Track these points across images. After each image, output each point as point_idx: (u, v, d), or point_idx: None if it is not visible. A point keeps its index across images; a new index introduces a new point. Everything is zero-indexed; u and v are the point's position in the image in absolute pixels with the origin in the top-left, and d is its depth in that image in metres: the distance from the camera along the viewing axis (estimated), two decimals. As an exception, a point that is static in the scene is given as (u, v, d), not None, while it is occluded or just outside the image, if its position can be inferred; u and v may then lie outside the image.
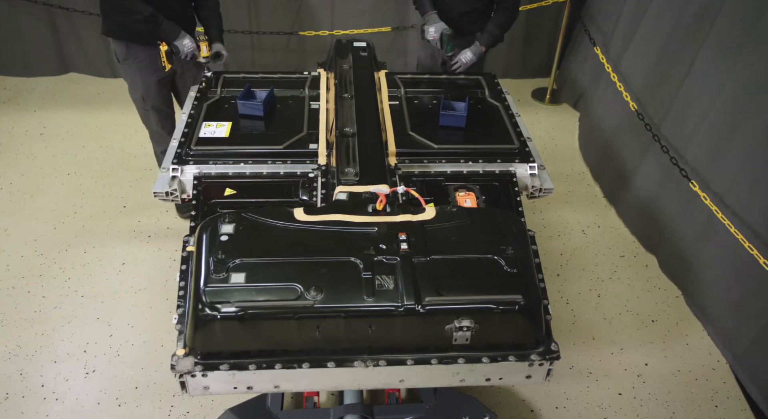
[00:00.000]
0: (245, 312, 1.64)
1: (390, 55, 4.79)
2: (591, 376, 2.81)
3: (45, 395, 2.63)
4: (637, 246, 3.53)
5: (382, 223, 1.87)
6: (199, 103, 2.70)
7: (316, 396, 2.44)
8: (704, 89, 2.99)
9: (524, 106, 4.89)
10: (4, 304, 3.01)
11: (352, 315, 1.67)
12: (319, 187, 2.29)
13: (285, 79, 2.92)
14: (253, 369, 1.72)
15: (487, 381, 1.82)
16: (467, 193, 2.28)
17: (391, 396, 2.45)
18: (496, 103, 2.80)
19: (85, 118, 4.46)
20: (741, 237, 2.62)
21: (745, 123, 2.70)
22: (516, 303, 1.70)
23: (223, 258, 1.73)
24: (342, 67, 2.82)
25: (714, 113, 2.90)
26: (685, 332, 3.03)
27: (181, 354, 1.73)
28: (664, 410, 2.67)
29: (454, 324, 1.69)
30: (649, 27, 3.54)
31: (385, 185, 2.07)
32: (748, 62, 2.66)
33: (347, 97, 2.58)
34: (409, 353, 1.76)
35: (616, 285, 3.26)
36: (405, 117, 2.64)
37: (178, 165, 2.36)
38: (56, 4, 4.53)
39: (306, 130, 2.53)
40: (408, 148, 2.45)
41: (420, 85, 2.93)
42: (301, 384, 1.82)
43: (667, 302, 3.19)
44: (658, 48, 3.42)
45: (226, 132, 2.50)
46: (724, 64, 2.84)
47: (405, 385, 1.91)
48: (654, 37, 3.48)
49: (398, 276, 1.71)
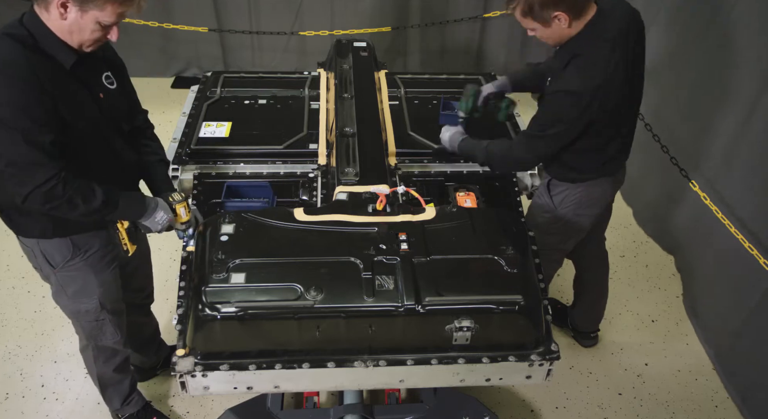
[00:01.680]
0: (245, 313, 1.64)
1: (390, 55, 4.79)
2: (591, 376, 2.81)
3: (45, 395, 2.63)
4: (637, 246, 3.53)
5: (382, 223, 1.87)
6: (199, 103, 2.70)
7: (316, 396, 2.44)
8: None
9: (524, 106, 4.86)
10: (4, 304, 3.01)
11: (352, 316, 1.67)
12: (319, 187, 2.29)
13: (285, 79, 2.92)
14: (253, 369, 1.72)
15: (487, 382, 1.82)
16: (467, 193, 2.28)
17: (391, 396, 2.45)
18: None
19: (85, 117, 4.46)
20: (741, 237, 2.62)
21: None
22: (516, 303, 1.70)
23: (223, 259, 1.73)
24: (342, 67, 2.82)
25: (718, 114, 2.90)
26: (685, 332, 3.03)
27: (181, 354, 1.73)
28: (664, 410, 2.67)
29: (454, 325, 1.68)
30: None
31: (385, 185, 2.06)
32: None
33: (347, 97, 2.58)
34: (409, 353, 1.76)
35: (616, 285, 3.26)
36: (405, 117, 2.65)
37: (178, 165, 2.36)
38: (56, 4, 4.53)
39: (306, 130, 2.53)
40: (408, 148, 2.45)
41: (420, 85, 2.93)
42: (301, 384, 1.82)
43: (667, 302, 3.19)
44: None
45: (226, 132, 2.50)
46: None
47: (405, 385, 1.91)
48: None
49: (398, 276, 1.71)
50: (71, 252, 1.97)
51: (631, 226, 3.68)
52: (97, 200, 1.77)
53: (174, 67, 5.01)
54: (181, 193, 2.01)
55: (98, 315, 2.13)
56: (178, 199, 1.98)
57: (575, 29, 1.92)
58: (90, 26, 1.66)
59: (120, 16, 1.68)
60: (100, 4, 1.62)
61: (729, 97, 2.84)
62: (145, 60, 4.91)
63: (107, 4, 1.63)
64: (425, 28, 4.73)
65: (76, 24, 1.65)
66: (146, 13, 4.54)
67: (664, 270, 3.38)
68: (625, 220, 3.71)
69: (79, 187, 1.74)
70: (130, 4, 1.68)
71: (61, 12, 1.63)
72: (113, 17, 1.67)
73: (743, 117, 2.74)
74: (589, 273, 2.75)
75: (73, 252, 1.97)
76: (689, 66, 3.17)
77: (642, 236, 3.61)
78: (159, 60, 4.94)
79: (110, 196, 1.81)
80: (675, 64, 3.31)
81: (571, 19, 1.88)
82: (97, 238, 1.99)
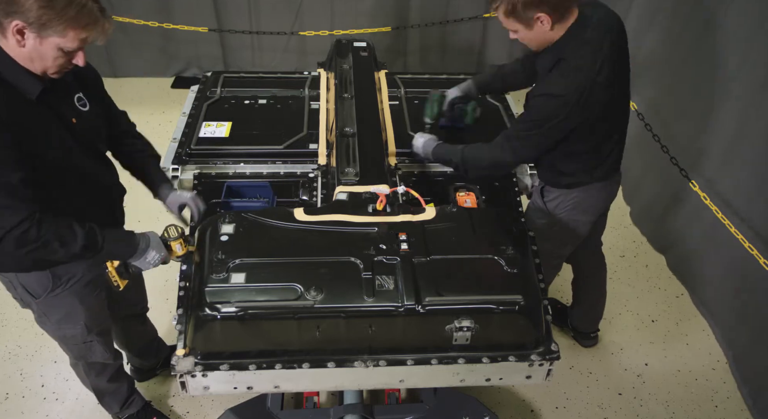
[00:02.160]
0: (245, 313, 1.64)
1: (390, 55, 4.79)
2: (591, 376, 2.81)
3: (45, 395, 2.63)
4: (637, 246, 3.53)
5: (382, 223, 1.87)
6: (199, 102, 2.70)
7: (316, 396, 2.44)
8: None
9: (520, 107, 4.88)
10: (4, 304, 3.00)
11: (352, 316, 1.67)
12: (319, 187, 2.29)
13: (285, 79, 2.92)
14: (253, 369, 1.72)
15: (487, 381, 1.82)
16: (467, 193, 2.28)
17: (391, 396, 2.45)
18: (495, 103, 2.80)
19: (85, 117, 4.46)
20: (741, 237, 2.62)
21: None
22: (516, 303, 1.70)
23: (223, 259, 1.73)
24: (342, 67, 2.82)
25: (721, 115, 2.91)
26: (685, 332, 3.03)
27: (181, 354, 1.73)
28: (664, 410, 2.67)
29: (454, 325, 1.69)
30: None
31: (385, 185, 2.06)
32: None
33: (347, 97, 2.58)
34: (409, 353, 1.76)
35: (616, 285, 3.26)
36: (405, 117, 2.64)
37: (178, 165, 2.36)
38: (56, 4, 4.53)
39: (306, 130, 2.53)
40: (408, 148, 2.45)
41: (420, 85, 2.93)
42: (301, 384, 1.82)
43: (667, 302, 3.19)
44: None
45: (226, 132, 2.50)
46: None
47: (405, 385, 1.91)
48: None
49: (398, 276, 1.71)
50: (52, 283, 1.85)
51: (630, 226, 3.68)
52: (77, 244, 1.63)
53: (174, 67, 5.01)
54: (178, 227, 1.84)
55: (85, 338, 2.05)
56: (174, 235, 1.81)
57: (557, 33, 1.93)
58: (51, 53, 1.53)
59: (83, 41, 1.55)
60: (60, 30, 1.49)
61: (729, 97, 2.85)
62: (145, 60, 4.91)
63: (68, 30, 1.50)
64: (425, 28, 4.73)
65: (35, 51, 1.52)
66: (146, 13, 4.57)
67: (664, 270, 3.38)
68: (624, 220, 3.71)
69: (57, 228, 1.59)
70: (92, 29, 1.54)
71: (18, 39, 1.49)
72: (76, 43, 1.53)
73: (743, 116, 2.74)
74: (587, 276, 2.75)
75: (54, 283, 1.86)
76: (689, 65, 3.17)
77: (641, 236, 3.61)
78: (159, 60, 4.94)
79: (92, 239, 1.66)
80: (675, 63, 3.31)
81: (553, 21, 1.89)
82: (81, 265, 1.86)
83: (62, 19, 1.48)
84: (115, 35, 4.75)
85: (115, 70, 4.94)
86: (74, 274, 1.88)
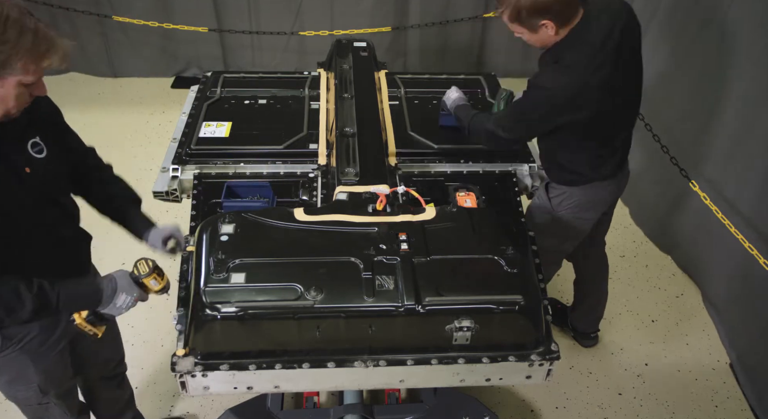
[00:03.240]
0: (245, 313, 1.64)
1: (390, 55, 4.79)
2: (591, 376, 2.81)
3: (45, 395, 2.63)
4: (637, 246, 3.53)
5: (382, 223, 1.87)
6: (199, 103, 2.70)
7: (316, 396, 2.45)
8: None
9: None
10: None
11: (352, 316, 1.67)
12: (319, 187, 2.29)
13: (285, 79, 2.92)
14: (253, 369, 1.71)
15: (487, 382, 1.82)
16: (467, 193, 2.28)
17: (391, 396, 2.45)
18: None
19: (84, 118, 4.45)
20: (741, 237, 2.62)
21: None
22: (516, 303, 1.70)
23: (223, 258, 1.73)
24: (342, 67, 2.82)
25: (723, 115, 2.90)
26: (685, 332, 3.03)
27: (181, 354, 1.73)
28: (664, 410, 2.67)
29: (454, 325, 1.68)
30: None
31: (385, 185, 2.06)
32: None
33: (347, 97, 2.58)
34: (409, 353, 1.76)
35: (616, 285, 3.26)
36: (405, 117, 2.64)
37: (178, 165, 2.36)
38: (56, 4, 4.53)
39: (306, 130, 2.53)
40: (408, 148, 2.45)
41: (420, 85, 2.93)
42: (301, 385, 1.82)
43: (667, 302, 3.20)
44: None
45: (226, 132, 2.50)
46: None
47: (405, 385, 1.91)
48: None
49: (398, 276, 1.71)
50: (2, 345, 1.66)
51: (630, 226, 3.68)
52: (25, 309, 1.45)
53: (174, 67, 5.01)
54: (148, 261, 1.67)
55: (40, 400, 1.86)
56: (146, 271, 1.64)
57: (561, 35, 1.97)
58: (13, 92, 1.39)
59: (44, 69, 1.41)
60: (20, 67, 1.35)
61: (729, 97, 2.85)
62: (145, 60, 4.92)
63: (29, 64, 1.36)
64: (425, 28, 4.73)
65: None
66: (146, 13, 4.57)
67: (664, 270, 3.39)
68: (624, 220, 3.71)
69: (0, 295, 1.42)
70: (53, 53, 1.39)
71: None
72: (38, 74, 1.40)
73: (744, 116, 2.74)
74: (588, 276, 2.75)
75: (3, 345, 1.66)
76: (689, 65, 3.17)
77: (641, 236, 3.61)
78: (159, 60, 4.95)
79: (43, 300, 1.47)
80: (675, 63, 3.31)
81: (557, 26, 1.93)
82: (36, 323, 1.65)
83: (20, 53, 1.34)
84: (115, 35, 4.76)
85: (115, 70, 4.95)
86: (28, 333, 1.69)
